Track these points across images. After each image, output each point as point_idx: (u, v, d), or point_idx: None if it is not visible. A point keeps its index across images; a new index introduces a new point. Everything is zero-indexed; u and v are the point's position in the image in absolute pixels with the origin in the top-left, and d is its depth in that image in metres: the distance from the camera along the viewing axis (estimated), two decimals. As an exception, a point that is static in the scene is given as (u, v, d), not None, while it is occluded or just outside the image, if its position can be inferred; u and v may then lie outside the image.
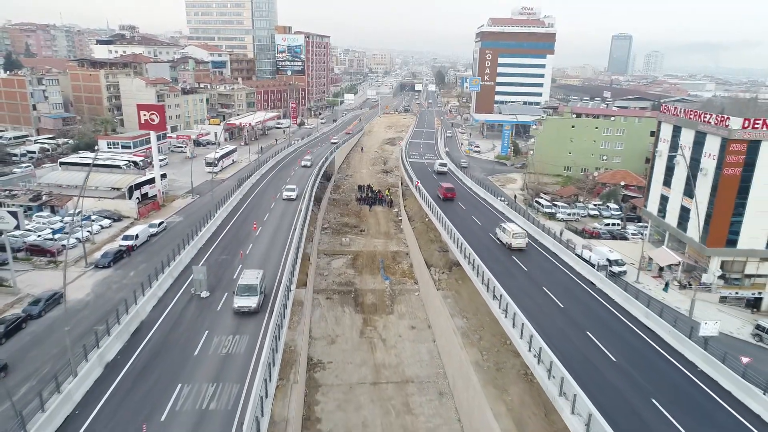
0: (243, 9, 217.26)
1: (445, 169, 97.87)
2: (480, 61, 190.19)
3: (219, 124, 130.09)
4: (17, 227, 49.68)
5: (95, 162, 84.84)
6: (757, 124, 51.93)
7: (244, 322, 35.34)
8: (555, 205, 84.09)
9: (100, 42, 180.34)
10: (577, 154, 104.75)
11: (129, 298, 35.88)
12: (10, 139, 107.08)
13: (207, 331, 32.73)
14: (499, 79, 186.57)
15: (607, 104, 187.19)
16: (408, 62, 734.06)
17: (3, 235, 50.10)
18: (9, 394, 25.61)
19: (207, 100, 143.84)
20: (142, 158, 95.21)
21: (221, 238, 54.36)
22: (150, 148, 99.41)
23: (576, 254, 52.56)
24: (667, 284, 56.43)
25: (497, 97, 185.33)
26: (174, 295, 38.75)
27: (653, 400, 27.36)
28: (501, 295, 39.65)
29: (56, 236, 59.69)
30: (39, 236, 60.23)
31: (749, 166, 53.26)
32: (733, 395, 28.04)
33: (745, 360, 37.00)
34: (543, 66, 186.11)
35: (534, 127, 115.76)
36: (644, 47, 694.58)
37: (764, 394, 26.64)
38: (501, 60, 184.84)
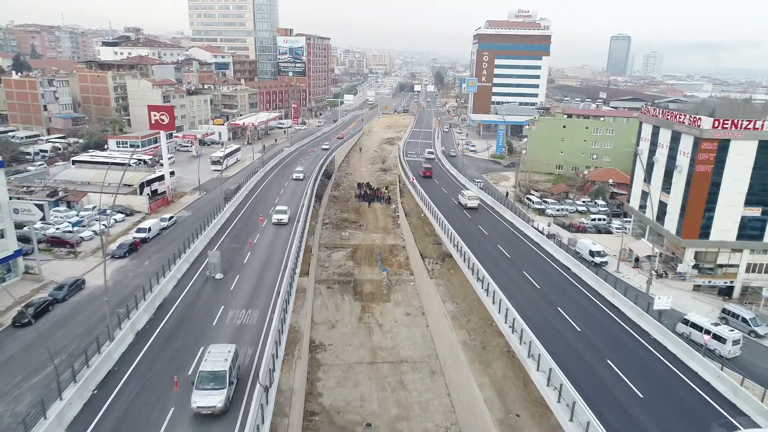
0: (245, 11, 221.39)
1: (432, 156, 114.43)
2: (477, 62, 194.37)
3: (223, 124, 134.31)
4: (43, 219, 53.71)
5: (108, 160, 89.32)
6: (726, 124, 56.08)
7: (255, 300, 39.54)
8: (545, 202, 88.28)
9: (105, 44, 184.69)
10: (568, 153, 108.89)
11: (150, 280, 40.10)
12: (22, 138, 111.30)
13: (222, 306, 37.00)
14: (495, 80, 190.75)
15: (597, 105, 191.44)
16: (408, 63, 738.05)
17: (29, 227, 54.32)
18: (52, 358, 29.71)
19: (211, 100, 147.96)
20: (151, 156, 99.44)
21: (231, 228, 58.80)
22: (157, 147, 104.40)
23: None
24: (650, 278, 60.18)
25: (494, 98, 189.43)
26: (191, 277, 43.15)
27: (608, 361, 31.63)
28: (484, 277, 43.80)
29: (75, 228, 63.94)
30: (57, 229, 64.29)
31: (720, 163, 57.35)
32: (677, 357, 32.43)
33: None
34: (539, 67, 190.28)
35: (527, 127, 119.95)
36: (645, 47, 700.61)
37: (703, 356, 30.91)
38: (498, 62, 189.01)
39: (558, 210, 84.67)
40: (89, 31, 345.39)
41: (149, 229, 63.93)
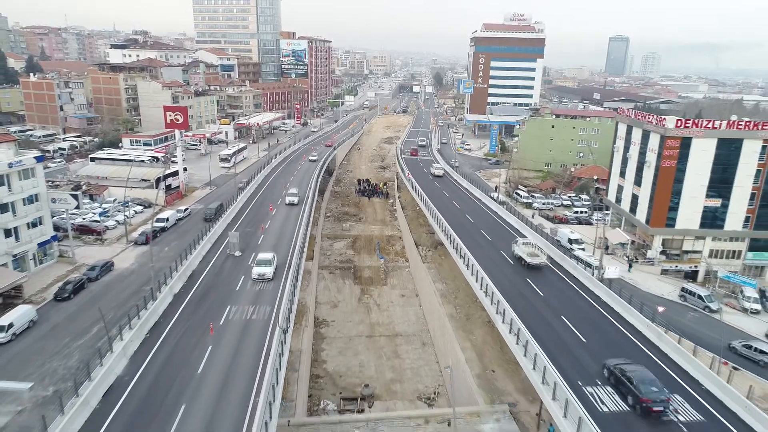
0: (248, 14, 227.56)
1: (424, 143, 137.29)
2: (474, 64, 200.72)
3: (229, 124, 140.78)
4: (77, 207, 60.18)
5: (124, 157, 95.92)
6: (688, 123, 62.46)
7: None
8: (532, 196, 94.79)
9: (114, 46, 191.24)
10: (556, 151, 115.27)
11: (180, 255, 46.68)
12: (40, 137, 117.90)
13: (243, 276, 43.61)
14: (491, 81, 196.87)
15: (584, 105, 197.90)
16: (408, 63, 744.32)
17: (65, 216, 60.83)
18: (102, 316, 36.11)
19: (217, 101, 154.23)
20: (163, 154, 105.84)
21: (245, 216, 65.55)
22: (168, 145, 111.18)
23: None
24: (630, 265, 66.25)
25: (490, 99, 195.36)
26: (214, 254, 50.05)
27: (563, 317, 38.12)
28: (468, 257, 50.26)
29: (100, 218, 70.52)
30: (84, 219, 70.73)
31: (683, 159, 63.65)
32: (619, 314, 39.31)
33: (660, 309, 47.65)
34: (533, 69, 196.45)
35: (518, 127, 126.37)
36: (645, 48, 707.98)
37: (641, 312, 37.47)
38: (493, 64, 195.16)
39: (544, 204, 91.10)
40: (94, 32, 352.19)
41: (167, 219, 70.31)
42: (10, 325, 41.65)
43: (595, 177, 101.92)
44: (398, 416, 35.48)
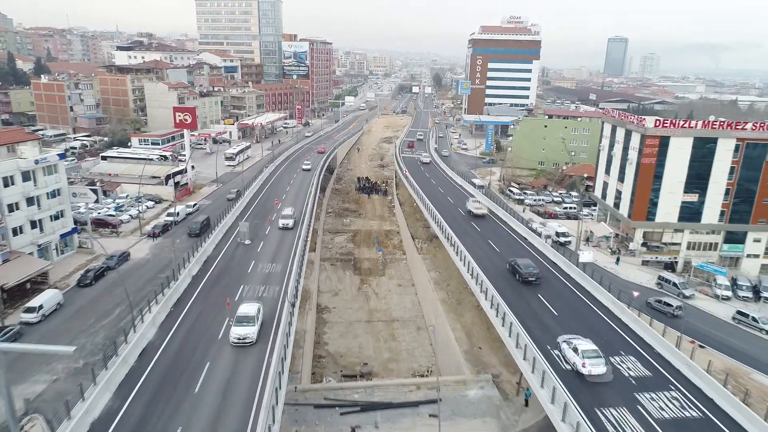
0: (250, 16, 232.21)
1: (422, 137, 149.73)
2: (471, 65, 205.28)
3: (233, 124, 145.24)
4: (96, 201, 64.61)
5: (134, 156, 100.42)
6: (666, 123, 66.81)
7: (277, 257, 50.89)
8: (524, 193, 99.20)
9: (120, 48, 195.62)
10: (549, 150, 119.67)
11: (194, 244, 51.07)
12: (51, 136, 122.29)
13: (253, 261, 48.10)
14: (489, 82, 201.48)
15: (576, 106, 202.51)
16: (408, 64, 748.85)
17: (84, 211, 65.24)
18: (127, 294, 40.56)
19: (221, 102, 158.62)
20: (170, 153, 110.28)
21: (252, 209, 70.06)
22: (175, 144, 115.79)
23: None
24: (618, 259, 70.43)
25: (487, 100, 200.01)
26: (226, 243, 54.57)
27: (539, 295, 42.58)
28: (456, 243, 54.75)
29: (115, 212, 74.99)
30: (99, 213, 75.10)
31: (662, 157, 67.98)
32: (590, 293, 43.70)
33: (635, 294, 51.95)
34: (530, 71, 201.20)
35: (512, 127, 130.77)
36: (645, 48, 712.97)
37: (608, 291, 41.93)
38: (491, 65, 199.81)
39: (535, 200, 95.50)
40: (97, 33, 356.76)
41: (177, 213, 74.68)
42: (40, 307, 45.88)
43: (585, 175, 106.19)
44: (393, 383, 39.79)
